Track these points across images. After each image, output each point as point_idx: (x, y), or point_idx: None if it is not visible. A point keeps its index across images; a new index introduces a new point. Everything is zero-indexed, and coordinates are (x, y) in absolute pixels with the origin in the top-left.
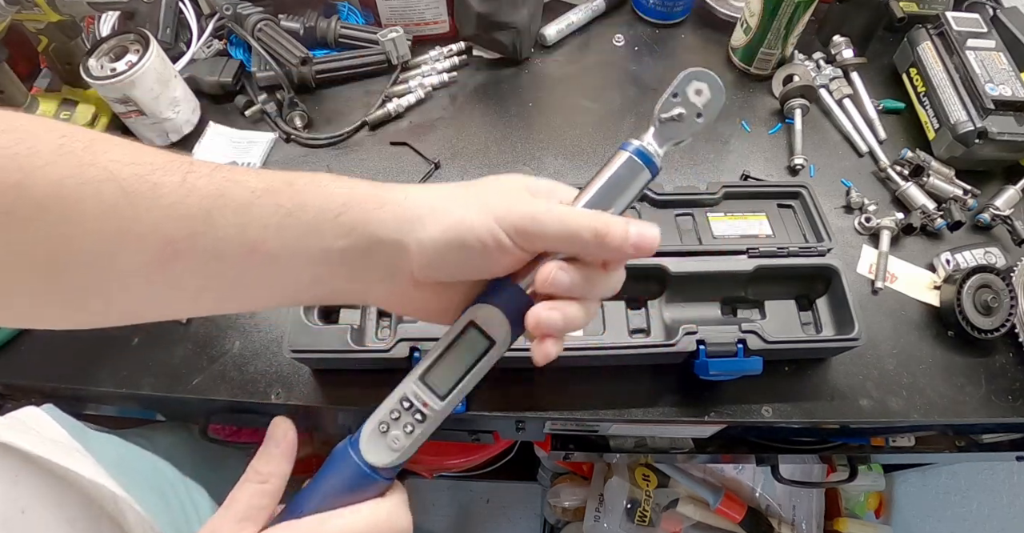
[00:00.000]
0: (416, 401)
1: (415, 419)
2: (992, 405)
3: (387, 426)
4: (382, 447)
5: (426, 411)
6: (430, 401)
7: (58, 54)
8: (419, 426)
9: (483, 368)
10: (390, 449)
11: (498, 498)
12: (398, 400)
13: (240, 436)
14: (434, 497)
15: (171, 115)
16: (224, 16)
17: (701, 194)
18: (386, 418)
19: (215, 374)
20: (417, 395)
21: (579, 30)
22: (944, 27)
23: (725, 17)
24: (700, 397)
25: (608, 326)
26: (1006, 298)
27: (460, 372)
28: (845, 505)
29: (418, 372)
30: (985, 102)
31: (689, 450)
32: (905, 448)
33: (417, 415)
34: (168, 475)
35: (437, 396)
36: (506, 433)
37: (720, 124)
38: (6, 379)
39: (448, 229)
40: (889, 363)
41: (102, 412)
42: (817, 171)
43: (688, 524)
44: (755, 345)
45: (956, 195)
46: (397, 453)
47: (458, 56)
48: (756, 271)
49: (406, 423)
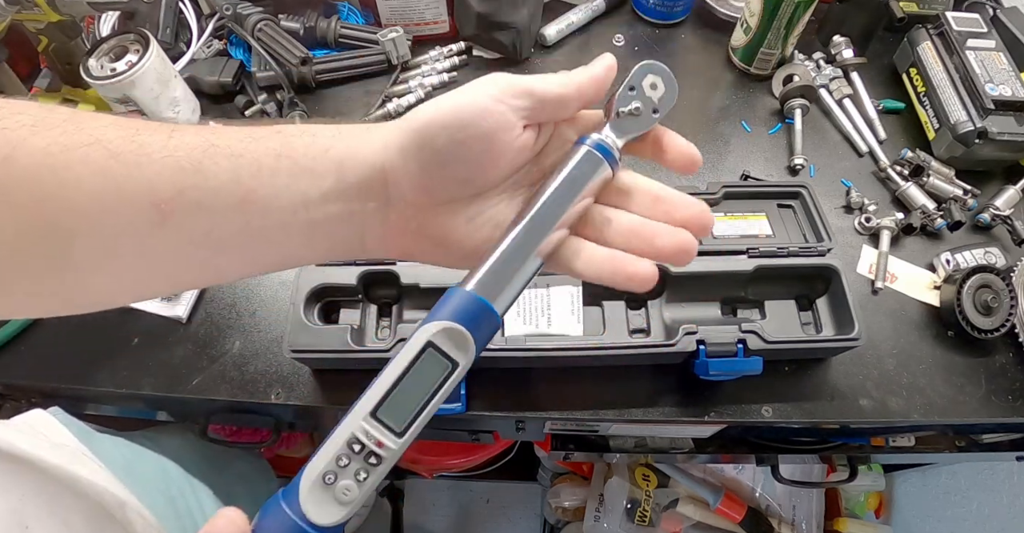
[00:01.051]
0: (369, 442)
1: (368, 464)
2: (992, 405)
3: (334, 476)
4: (329, 501)
5: (382, 452)
6: (386, 440)
7: (58, 54)
8: (373, 471)
9: (444, 394)
10: (339, 503)
11: (498, 498)
12: (345, 443)
13: (241, 436)
14: (434, 497)
15: (171, 115)
16: (224, 16)
17: (701, 194)
18: (331, 467)
19: (215, 374)
20: (369, 434)
21: (579, 30)
22: (944, 27)
23: (725, 17)
24: (700, 397)
25: (608, 326)
26: (1006, 298)
27: (419, 402)
28: (845, 505)
29: (368, 407)
30: (985, 102)
31: (689, 450)
32: (905, 448)
33: (371, 459)
34: (174, 476)
35: (394, 433)
36: (506, 433)
37: (720, 124)
38: (6, 379)
39: (430, 111)
40: (889, 363)
41: (102, 412)
42: (817, 171)
43: (688, 524)
44: (755, 345)
45: (956, 195)
46: (348, 507)
47: (458, 56)
48: (756, 271)
49: (357, 470)
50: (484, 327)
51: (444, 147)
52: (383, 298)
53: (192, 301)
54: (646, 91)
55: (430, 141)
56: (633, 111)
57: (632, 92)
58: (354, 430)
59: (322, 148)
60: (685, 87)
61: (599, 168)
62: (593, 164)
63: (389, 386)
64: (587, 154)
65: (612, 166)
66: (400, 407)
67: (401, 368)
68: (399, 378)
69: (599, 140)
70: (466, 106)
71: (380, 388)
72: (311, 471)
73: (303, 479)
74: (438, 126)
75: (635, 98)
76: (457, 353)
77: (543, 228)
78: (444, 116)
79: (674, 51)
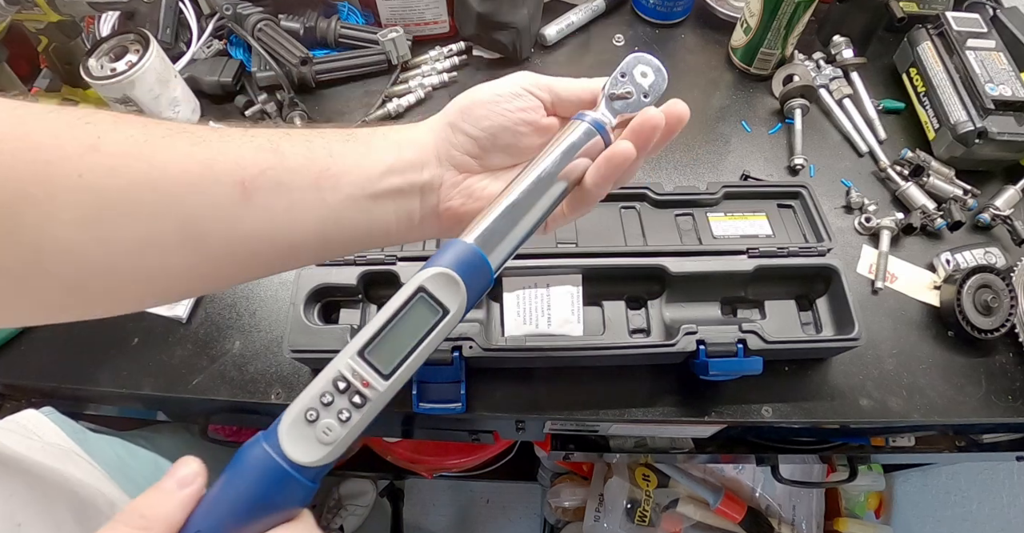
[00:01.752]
0: (355, 380)
1: (352, 404)
2: (992, 405)
3: (316, 413)
4: (309, 439)
5: (367, 392)
6: (372, 380)
7: (58, 54)
8: (357, 412)
9: (434, 342)
10: (320, 442)
11: (498, 498)
12: (330, 380)
13: (241, 436)
14: (434, 497)
15: (171, 115)
16: (224, 16)
17: (701, 194)
18: (314, 403)
19: (215, 374)
20: (356, 373)
21: (579, 30)
22: (944, 27)
23: (725, 17)
24: (700, 397)
25: (608, 326)
26: (1006, 298)
27: (407, 347)
28: (845, 505)
29: (356, 345)
30: (985, 102)
31: (689, 450)
32: (905, 448)
33: (356, 398)
34: None
35: (380, 375)
36: (506, 433)
37: (720, 124)
38: (6, 379)
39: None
40: (889, 363)
41: (102, 412)
42: (817, 171)
43: (688, 524)
44: (755, 345)
45: (956, 195)
46: (329, 447)
47: (458, 56)
48: (756, 271)
49: (341, 409)
50: (477, 277)
51: (486, 118)
52: (383, 298)
53: (192, 301)
54: (636, 78)
55: (473, 115)
56: (623, 94)
57: (623, 78)
58: (340, 368)
59: (381, 134)
60: (685, 87)
61: (591, 138)
62: (586, 135)
63: (378, 328)
64: (580, 126)
65: (604, 137)
66: (389, 349)
67: (392, 311)
68: (388, 320)
69: (595, 117)
70: (503, 88)
71: (370, 329)
72: (295, 407)
73: (284, 414)
74: (480, 103)
75: (626, 84)
76: (449, 299)
77: (541, 186)
78: (484, 95)
79: (674, 51)
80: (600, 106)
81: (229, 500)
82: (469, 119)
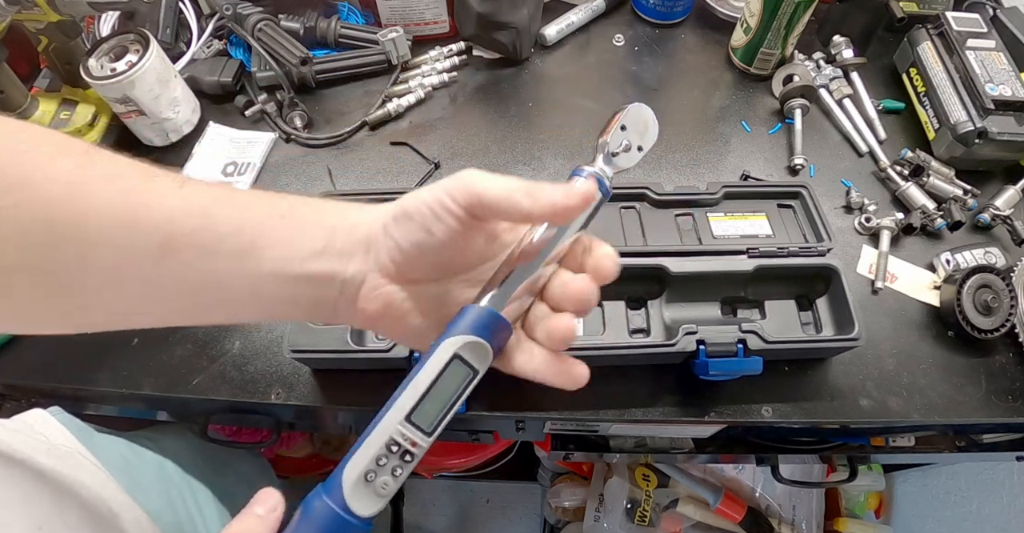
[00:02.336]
0: (405, 443)
1: (403, 461)
2: (992, 405)
3: (374, 474)
4: (370, 496)
5: (415, 451)
6: (419, 440)
7: (58, 54)
8: (407, 467)
9: (464, 397)
10: (378, 496)
11: (498, 498)
12: (384, 445)
13: (241, 436)
14: (434, 497)
15: (171, 115)
16: (224, 16)
17: (701, 194)
18: (372, 467)
19: (215, 374)
20: (405, 436)
21: (579, 30)
22: (944, 27)
23: (725, 17)
24: (700, 397)
25: (608, 326)
26: (1006, 298)
27: (445, 405)
28: (845, 505)
29: (403, 413)
30: (985, 102)
31: (689, 450)
32: (905, 448)
33: (406, 457)
34: (173, 477)
35: (424, 433)
36: (506, 433)
37: (720, 124)
38: (6, 379)
39: (404, 200)
40: (889, 363)
41: (103, 412)
42: (817, 171)
43: (688, 524)
44: (755, 345)
45: (956, 195)
46: (385, 499)
47: (458, 56)
48: (756, 271)
49: (394, 467)
50: (501, 337)
51: (415, 235)
52: None
53: None
54: (634, 131)
55: (405, 227)
56: (625, 148)
57: (624, 131)
58: (392, 434)
59: (319, 216)
60: (685, 87)
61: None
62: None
63: (421, 394)
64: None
65: (605, 195)
66: (429, 410)
67: (431, 377)
68: (429, 387)
69: (595, 171)
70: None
71: (413, 395)
72: (353, 471)
73: (344, 478)
74: (404, 215)
75: (626, 136)
76: (478, 362)
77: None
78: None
79: (674, 51)
80: (598, 161)
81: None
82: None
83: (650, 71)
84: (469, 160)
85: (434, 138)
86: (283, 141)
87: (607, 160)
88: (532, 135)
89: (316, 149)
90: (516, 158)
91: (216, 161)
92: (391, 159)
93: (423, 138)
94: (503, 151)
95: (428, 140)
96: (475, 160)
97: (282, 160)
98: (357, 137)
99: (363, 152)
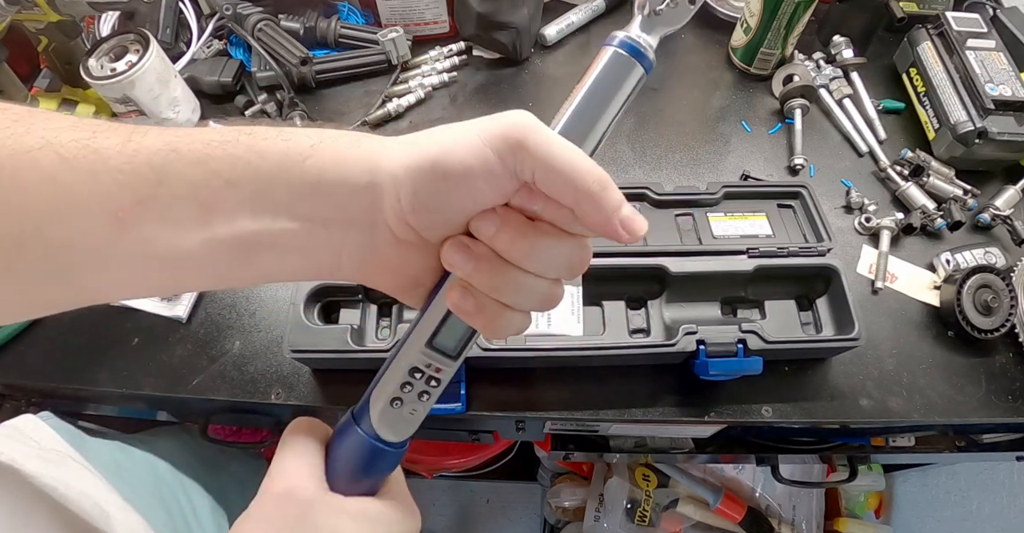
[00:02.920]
0: (428, 369)
1: (430, 386)
2: (992, 405)
3: (400, 401)
4: (398, 421)
5: (440, 376)
6: (443, 365)
7: (58, 54)
8: (435, 391)
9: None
10: (407, 422)
11: (498, 498)
12: (407, 372)
13: (241, 436)
14: (434, 497)
15: (171, 115)
16: (224, 16)
17: (701, 194)
18: (397, 393)
19: (215, 374)
20: (429, 363)
21: (579, 30)
22: (944, 27)
23: (725, 17)
24: (700, 397)
25: (608, 326)
26: (1006, 298)
27: (468, 329)
28: (845, 505)
29: (423, 339)
30: (985, 102)
31: (689, 450)
32: (905, 448)
33: (432, 382)
34: (167, 478)
35: (449, 358)
36: (506, 433)
37: (720, 124)
38: (6, 379)
39: (425, 155)
40: (889, 363)
41: (102, 412)
42: (817, 171)
43: (688, 524)
44: (755, 345)
45: (956, 195)
46: (415, 424)
47: (458, 56)
48: (756, 271)
49: (421, 392)
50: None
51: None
52: (383, 298)
53: (192, 301)
54: None
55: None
56: (671, 4)
57: None
58: (415, 362)
59: (298, 156)
60: (685, 87)
61: (631, 71)
62: (624, 68)
63: (440, 318)
64: (614, 56)
65: (646, 67)
66: (450, 335)
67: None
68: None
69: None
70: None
71: (431, 321)
72: (380, 399)
73: (372, 406)
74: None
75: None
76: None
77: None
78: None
79: (674, 51)
80: (634, 25)
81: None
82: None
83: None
84: None
85: None
86: None
87: (647, 24)
88: None
89: None
90: None
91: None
92: None
93: None
94: None
95: None
96: None
97: None
98: None
99: None
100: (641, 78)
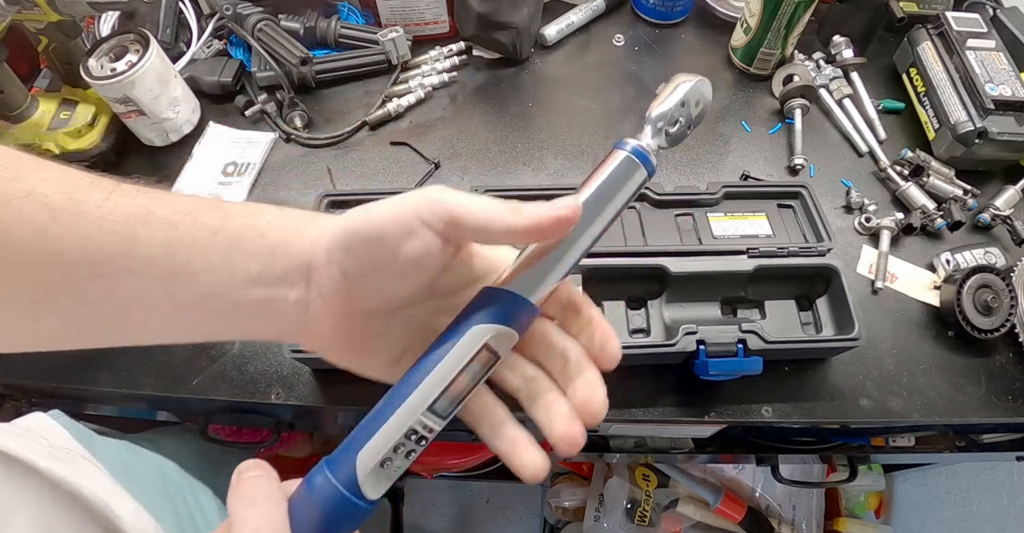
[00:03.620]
0: (423, 430)
1: (419, 445)
2: (992, 405)
3: (390, 461)
4: (382, 479)
5: (431, 436)
6: (436, 426)
7: (58, 54)
8: (421, 448)
9: (481, 382)
10: (389, 479)
11: (498, 498)
12: (404, 434)
13: (241, 436)
14: (434, 497)
15: (171, 115)
16: (224, 16)
17: (701, 194)
18: (389, 454)
19: (215, 374)
20: (425, 425)
21: (579, 30)
22: (944, 27)
23: (725, 17)
24: (700, 397)
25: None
26: (1006, 298)
27: (464, 392)
28: (845, 505)
29: (427, 402)
30: (985, 102)
31: (689, 450)
32: (905, 448)
33: (422, 441)
34: (174, 478)
35: (441, 418)
36: None
37: (720, 124)
38: (6, 379)
39: (358, 219)
40: (889, 363)
41: (103, 412)
42: (817, 171)
43: (688, 524)
44: (755, 345)
45: (956, 195)
46: (393, 479)
47: (458, 56)
48: (756, 271)
49: (409, 451)
50: (526, 325)
51: (364, 259)
52: None
53: None
54: (692, 106)
55: (353, 249)
56: (684, 126)
57: (682, 107)
58: (413, 424)
59: (258, 233)
60: None
61: (636, 174)
62: (630, 170)
63: (447, 384)
64: (625, 160)
65: (649, 171)
66: (450, 397)
67: (458, 367)
68: (455, 377)
69: (636, 145)
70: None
71: (437, 384)
72: (370, 458)
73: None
74: (360, 237)
75: (683, 113)
76: (503, 350)
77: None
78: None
79: (674, 51)
80: (645, 134)
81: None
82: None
83: (650, 71)
84: (469, 160)
85: (434, 138)
86: (283, 141)
87: (657, 134)
88: (532, 135)
89: (316, 149)
90: (516, 158)
91: (216, 161)
92: (391, 159)
93: (423, 138)
94: (503, 151)
95: (428, 140)
96: (475, 160)
97: (282, 160)
98: (357, 137)
99: (363, 152)
100: (644, 181)
